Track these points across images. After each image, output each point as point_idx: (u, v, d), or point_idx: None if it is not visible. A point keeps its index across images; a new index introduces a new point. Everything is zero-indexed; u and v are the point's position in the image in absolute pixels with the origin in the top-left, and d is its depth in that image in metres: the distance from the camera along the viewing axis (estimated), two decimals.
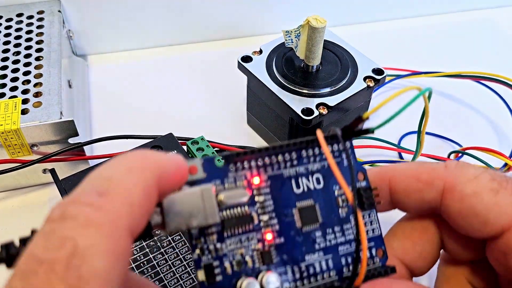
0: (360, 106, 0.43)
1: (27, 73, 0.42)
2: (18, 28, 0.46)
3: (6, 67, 0.42)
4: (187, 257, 0.32)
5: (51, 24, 0.46)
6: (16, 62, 0.43)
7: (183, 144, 0.38)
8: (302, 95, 0.40)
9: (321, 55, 0.41)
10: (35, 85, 0.41)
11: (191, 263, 0.32)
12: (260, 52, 0.43)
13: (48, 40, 0.45)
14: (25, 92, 0.40)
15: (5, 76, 0.42)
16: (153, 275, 0.31)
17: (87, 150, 0.42)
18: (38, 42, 0.44)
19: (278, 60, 0.42)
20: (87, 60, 0.54)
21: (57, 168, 0.38)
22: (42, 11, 0.48)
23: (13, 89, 0.40)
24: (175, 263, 0.32)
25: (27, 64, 0.42)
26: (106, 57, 0.55)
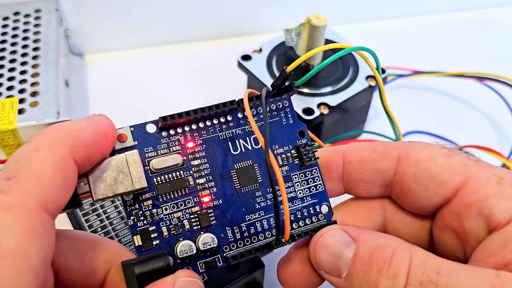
0: (361, 106, 0.42)
1: (24, 72, 0.41)
2: (15, 27, 0.45)
3: (2, 66, 0.42)
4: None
5: (48, 23, 0.46)
6: (13, 61, 0.42)
7: None
8: (303, 94, 0.39)
9: (321, 54, 0.40)
10: (32, 84, 0.40)
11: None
12: (260, 51, 0.43)
13: (45, 38, 0.44)
14: (22, 91, 0.40)
15: (1, 75, 0.41)
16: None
17: None
18: (35, 41, 0.44)
19: (278, 59, 0.42)
20: (84, 59, 0.54)
21: None
22: (39, 10, 0.47)
23: (10, 88, 0.40)
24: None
25: (24, 63, 0.42)
26: (104, 56, 0.54)
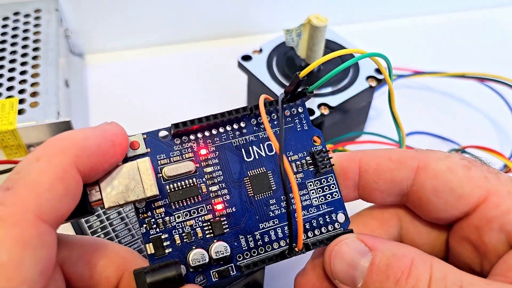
0: (362, 106, 0.42)
1: (24, 72, 0.41)
2: (15, 27, 0.45)
3: (2, 67, 0.42)
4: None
5: (48, 23, 0.46)
6: (13, 61, 0.42)
7: None
8: None
9: (322, 54, 0.40)
10: (32, 84, 0.40)
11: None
12: (261, 51, 0.43)
13: (45, 39, 0.44)
14: (22, 91, 0.40)
15: (1, 75, 0.41)
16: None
17: None
18: (35, 41, 0.44)
19: (278, 60, 0.42)
20: (84, 59, 0.54)
21: None
22: (39, 10, 0.47)
23: (9, 88, 0.40)
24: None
25: (24, 63, 0.42)
26: (104, 56, 0.54)
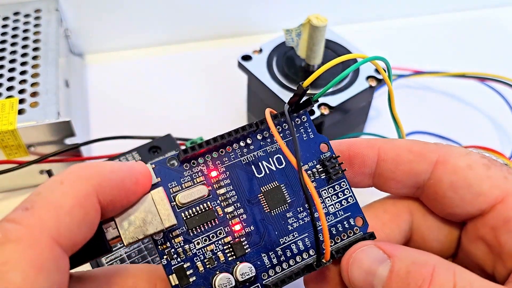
0: (362, 106, 0.42)
1: (24, 72, 0.41)
2: (15, 27, 0.45)
3: (2, 67, 0.42)
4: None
5: (48, 23, 0.46)
6: (13, 61, 0.42)
7: (182, 145, 0.38)
8: None
9: (322, 54, 0.40)
10: (32, 84, 0.40)
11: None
12: (260, 51, 0.43)
13: (45, 39, 0.44)
14: (22, 91, 0.40)
15: (1, 75, 0.41)
16: None
17: (85, 151, 0.41)
18: (35, 41, 0.44)
19: (278, 60, 0.42)
20: (84, 59, 0.54)
21: (54, 169, 0.37)
22: (39, 10, 0.47)
23: (9, 88, 0.40)
24: None
25: (24, 64, 0.42)
26: (104, 56, 0.54)
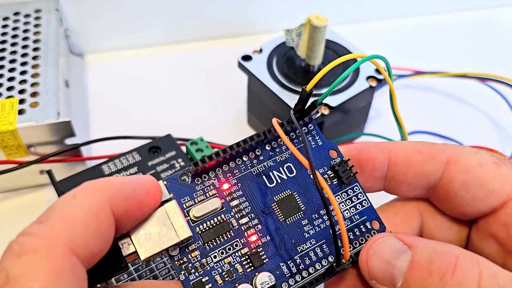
0: (362, 106, 0.42)
1: (24, 72, 0.41)
2: (15, 27, 0.45)
3: (2, 67, 0.42)
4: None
5: (48, 23, 0.46)
6: (13, 61, 0.42)
7: (182, 145, 0.38)
8: None
9: (322, 54, 0.40)
10: (32, 84, 0.40)
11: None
12: (261, 51, 0.43)
13: (45, 39, 0.44)
14: (22, 92, 0.40)
15: (1, 75, 0.41)
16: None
17: (85, 151, 0.41)
18: (35, 41, 0.44)
19: (278, 60, 0.42)
20: (84, 59, 0.54)
21: (54, 169, 0.37)
22: (39, 10, 0.47)
23: (10, 89, 0.40)
24: None
25: (24, 64, 0.42)
26: (104, 56, 0.54)
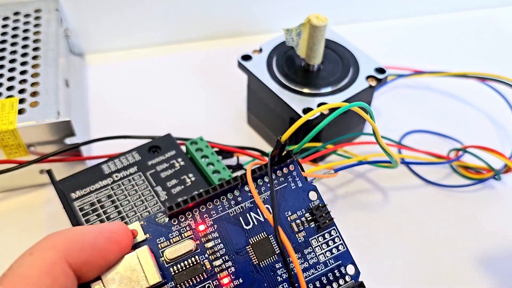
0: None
1: (24, 72, 0.41)
2: (15, 27, 0.45)
3: (2, 66, 0.42)
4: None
5: (48, 23, 0.46)
6: (13, 61, 0.42)
7: (181, 145, 0.38)
8: (303, 94, 0.39)
9: (322, 54, 0.40)
10: (32, 84, 0.40)
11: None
12: (260, 51, 0.43)
13: (45, 39, 0.44)
14: (22, 91, 0.40)
15: (1, 75, 0.41)
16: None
17: (85, 150, 0.41)
18: (35, 41, 0.44)
19: (278, 59, 0.42)
20: (84, 59, 0.54)
21: (54, 168, 0.37)
22: (39, 10, 0.47)
23: (10, 88, 0.40)
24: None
25: (24, 63, 0.42)
26: (104, 56, 0.54)
